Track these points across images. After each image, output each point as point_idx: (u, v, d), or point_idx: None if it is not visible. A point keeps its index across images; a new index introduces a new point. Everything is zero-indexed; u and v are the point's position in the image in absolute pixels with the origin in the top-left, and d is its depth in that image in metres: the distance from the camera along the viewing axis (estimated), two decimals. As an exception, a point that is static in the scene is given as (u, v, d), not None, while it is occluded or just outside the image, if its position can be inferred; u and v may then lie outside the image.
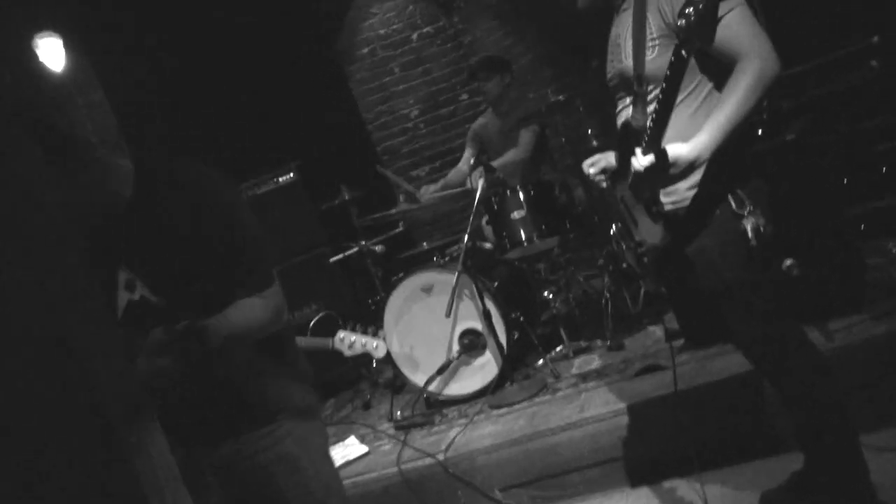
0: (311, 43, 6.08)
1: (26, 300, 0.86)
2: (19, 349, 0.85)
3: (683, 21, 1.59)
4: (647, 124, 1.87)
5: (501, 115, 4.60)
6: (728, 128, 1.85)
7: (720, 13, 1.68)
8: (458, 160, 6.11)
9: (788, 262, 2.81)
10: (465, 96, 6.22)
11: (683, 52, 1.67)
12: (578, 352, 3.88)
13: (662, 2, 1.95)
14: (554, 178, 4.22)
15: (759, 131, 3.19)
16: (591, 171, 2.27)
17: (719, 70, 1.95)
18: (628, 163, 1.99)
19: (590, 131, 4.29)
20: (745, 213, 1.97)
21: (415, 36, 6.26)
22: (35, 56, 4.49)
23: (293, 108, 5.86)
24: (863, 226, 3.50)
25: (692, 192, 2.01)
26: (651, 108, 1.91)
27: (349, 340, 2.95)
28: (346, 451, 3.67)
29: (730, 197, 1.96)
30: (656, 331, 3.75)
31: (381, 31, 6.25)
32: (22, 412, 0.85)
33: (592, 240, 4.46)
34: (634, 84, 2.00)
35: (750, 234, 1.94)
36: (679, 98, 1.93)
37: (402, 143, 6.25)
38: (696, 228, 2.01)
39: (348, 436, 3.85)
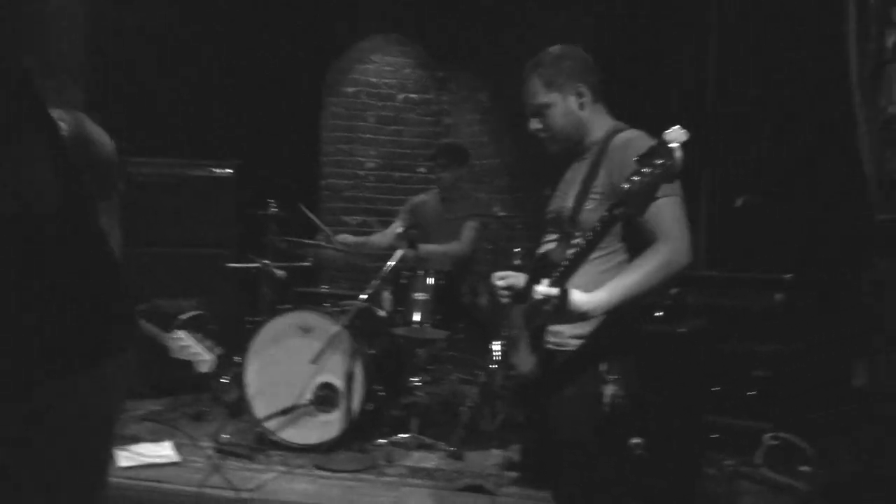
0: (304, 62, 6.15)
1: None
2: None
3: (627, 185, 1.68)
4: (563, 262, 1.94)
5: (445, 202, 4.69)
6: (626, 295, 1.93)
7: (659, 194, 1.78)
8: (391, 224, 6.20)
9: (636, 440, 2.89)
10: (422, 169, 6.33)
11: (616, 212, 1.76)
12: (420, 446, 3.87)
13: (614, 166, 2.07)
14: (467, 278, 4.29)
15: (659, 314, 3.35)
16: (500, 283, 2.33)
17: (638, 246, 2.05)
18: (532, 289, 2.06)
19: (517, 250, 4.39)
20: (610, 379, 2.04)
21: (401, 97, 6.40)
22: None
23: (261, 111, 5.86)
24: (715, 435, 3.65)
25: (574, 341, 2.08)
26: (571, 251, 2.00)
27: (181, 343, 2.82)
28: (158, 452, 3.53)
29: (604, 358, 2.04)
30: (499, 456, 3.78)
31: (373, 80, 6.37)
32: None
33: (479, 347, 4.51)
34: (566, 224, 2.09)
35: (607, 399, 2.01)
36: (597, 254, 2.02)
37: (347, 186, 6.28)
38: (564, 374, 2.07)
39: (166, 440, 3.70)
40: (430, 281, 4.00)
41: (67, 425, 1.34)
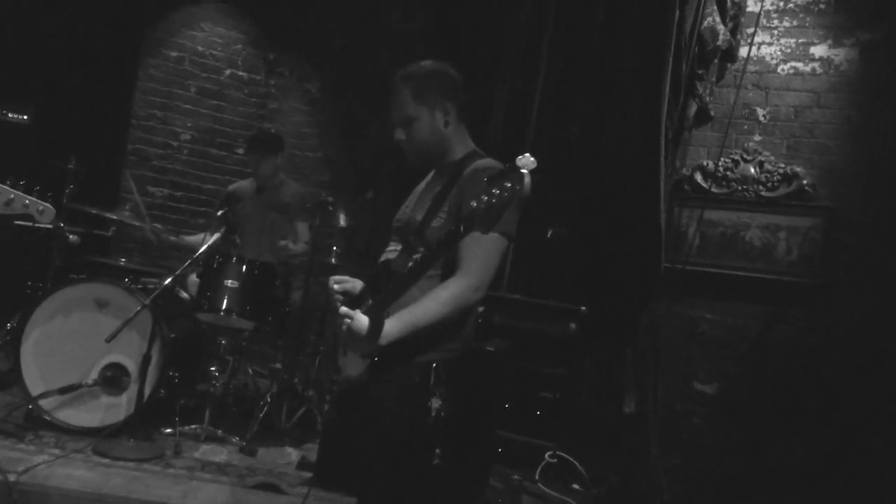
0: (125, 14, 5.70)
1: None
2: None
3: (474, 203, 1.70)
4: (401, 273, 1.95)
5: (260, 192, 4.56)
6: (414, 325, 1.98)
7: (488, 228, 1.83)
8: (201, 202, 5.92)
9: (437, 451, 2.99)
10: (241, 150, 6.10)
11: (461, 228, 1.77)
12: (211, 438, 3.73)
13: (467, 187, 2.12)
14: (280, 269, 4.20)
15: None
16: (336, 287, 2.30)
17: (450, 271, 2.11)
18: (369, 297, 2.08)
19: (335, 248, 4.39)
20: (437, 393, 2.10)
21: (228, 72, 6.13)
22: None
23: (70, 58, 5.36)
24: (500, 449, 3.87)
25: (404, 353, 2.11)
26: (411, 264, 2.03)
27: (6, 195, 2.48)
28: None
29: (433, 372, 2.09)
30: (293, 454, 3.74)
31: (200, 48, 6.04)
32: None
33: (282, 342, 4.44)
34: (412, 237, 2.13)
35: (433, 412, 2.07)
36: (432, 272, 2.07)
37: (157, 155, 5.89)
38: (392, 384, 2.10)
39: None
40: (244, 269, 3.87)
41: None
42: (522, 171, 1.64)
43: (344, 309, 1.95)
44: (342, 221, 4.34)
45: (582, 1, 4.51)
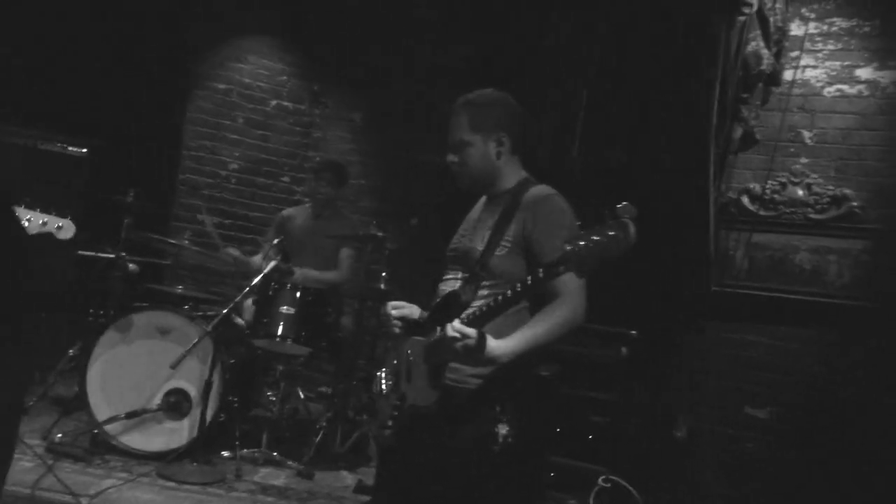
0: (175, 49, 5.90)
1: None
2: None
3: (570, 247, 1.69)
4: (481, 305, 2.03)
5: (318, 218, 4.67)
6: (532, 344, 2.04)
7: (583, 274, 1.85)
8: (249, 229, 6.05)
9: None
10: (286, 179, 6.23)
11: (560, 269, 1.77)
12: (269, 462, 3.80)
13: (528, 216, 2.18)
14: (333, 297, 4.28)
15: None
16: (394, 312, 2.36)
17: (538, 301, 2.16)
18: (436, 325, 2.13)
19: (384, 274, 4.46)
20: (504, 419, 2.15)
21: (273, 102, 6.28)
22: None
23: (123, 93, 5.54)
24: (553, 474, 3.88)
25: (474, 380, 2.16)
26: (484, 292, 2.10)
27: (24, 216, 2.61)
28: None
29: (500, 399, 2.14)
30: (348, 478, 3.79)
31: (246, 80, 6.20)
32: None
33: (335, 367, 4.51)
34: (476, 267, 2.18)
35: (500, 439, 2.12)
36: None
37: (206, 184, 6.04)
38: (462, 411, 2.15)
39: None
40: (298, 295, 3.95)
41: None
42: (625, 220, 1.62)
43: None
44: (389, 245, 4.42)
45: (627, 25, 4.57)
